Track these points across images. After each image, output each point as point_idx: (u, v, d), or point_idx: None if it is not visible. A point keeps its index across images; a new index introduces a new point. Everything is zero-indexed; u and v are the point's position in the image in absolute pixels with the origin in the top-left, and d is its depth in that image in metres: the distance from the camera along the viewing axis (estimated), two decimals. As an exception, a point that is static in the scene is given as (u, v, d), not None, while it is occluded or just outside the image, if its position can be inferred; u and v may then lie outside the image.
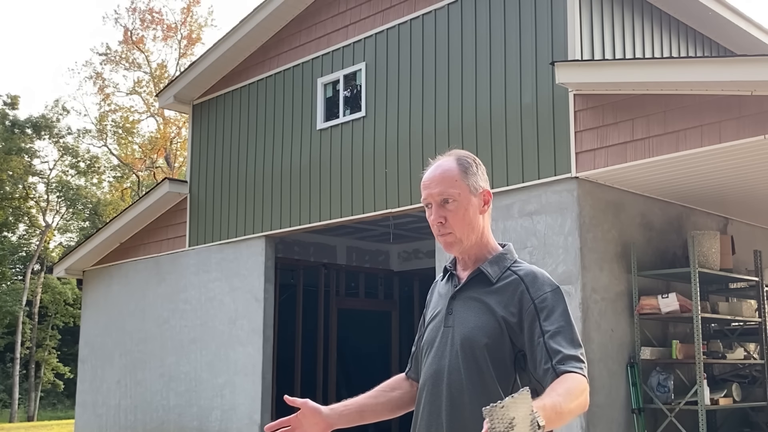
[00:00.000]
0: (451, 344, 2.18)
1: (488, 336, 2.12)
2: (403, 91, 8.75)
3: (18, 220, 31.00)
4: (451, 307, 2.24)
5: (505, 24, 7.91)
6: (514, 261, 2.25)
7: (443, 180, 2.21)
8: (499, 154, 7.69)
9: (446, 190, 2.20)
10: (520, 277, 2.17)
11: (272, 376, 9.95)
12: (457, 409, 2.11)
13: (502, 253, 2.26)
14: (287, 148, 9.98)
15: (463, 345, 2.14)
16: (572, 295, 6.92)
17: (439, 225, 2.20)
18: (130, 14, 31.60)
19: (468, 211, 2.21)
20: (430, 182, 2.23)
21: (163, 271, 11.50)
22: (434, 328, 2.27)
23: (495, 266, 2.23)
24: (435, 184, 2.21)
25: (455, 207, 2.19)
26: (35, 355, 30.24)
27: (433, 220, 2.21)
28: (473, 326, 2.15)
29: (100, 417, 12.23)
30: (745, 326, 8.36)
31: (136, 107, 34.47)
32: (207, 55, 10.92)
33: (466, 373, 2.12)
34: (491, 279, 2.20)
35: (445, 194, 2.19)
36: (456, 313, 2.22)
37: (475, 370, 2.11)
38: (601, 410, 6.94)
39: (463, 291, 2.24)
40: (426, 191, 2.23)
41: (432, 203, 2.22)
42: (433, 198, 2.21)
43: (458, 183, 2.21)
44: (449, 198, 2.19)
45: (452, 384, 2.13)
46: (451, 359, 2.16)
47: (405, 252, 12.99)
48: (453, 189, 2.20)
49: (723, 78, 6.18)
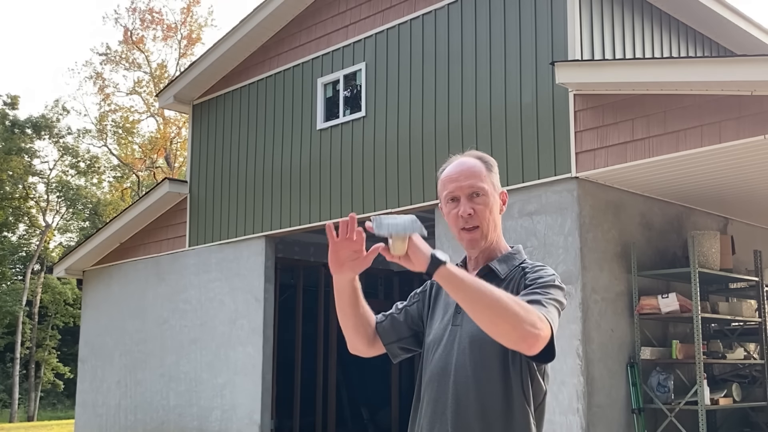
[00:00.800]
0: (459, 342, 2.17)
1: None
2: (403, 91, 8.75)
3: (18, 220, 31.00)
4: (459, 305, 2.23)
5: (505, 24, 7.91)
6: (523, 261, 2.26)
7: (472, 174, 2.22)
8: (499, 154, 7.69)
9: (476, 184, 2.21)
10: (524, 269, 2.19)
11: (272, 376, 9.95)
12: (463, 407, 2.10)
13: (511, 252, 2.28)
14: (287, 148, 9.98)
15: (471, 343, 2.13)
16: (572, 295, 6.92)
17: (468, 218, 2.19)
18: (130, 14, 31.64)
19: (494, 207, 2.23)
20: (458, 175, 2.22)
21: (163, 271, 11.50)
22: (441, 325, 2.26)
23: (504, 264, 2.23)
24: (465, 177, 2.21)
25: (483, 201, 2.21)
26: (35, 355, 30.24)
27: (462, 212, 2.19)
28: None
29: (100, 417, 12.23)
30: (745, 326, 8.36)
31: (136, 107, 34.51)
32: (207, 55, 10.92)
33: (473, 371, 2.11)
34: (500, 275, 2.20)
35: (475, 187, 2.20)
36: (464, 311, 2.21)
37: (482, 368, 2.11)
38: (601, 410, 6.94)
39: None
40: (454, 184, 2.22)
41: (461, 196, 2.20)
42: (463, 191, 2.20)
43: (486, 179, 2.23)
44: (479, 192, 2.20)
45: (459, 382, 2.12)
46: (459, 357, 2.15)
47: (405, 252, 12.97)
48: (482, 183, 2.21)
49: (723, 78, 6.18)
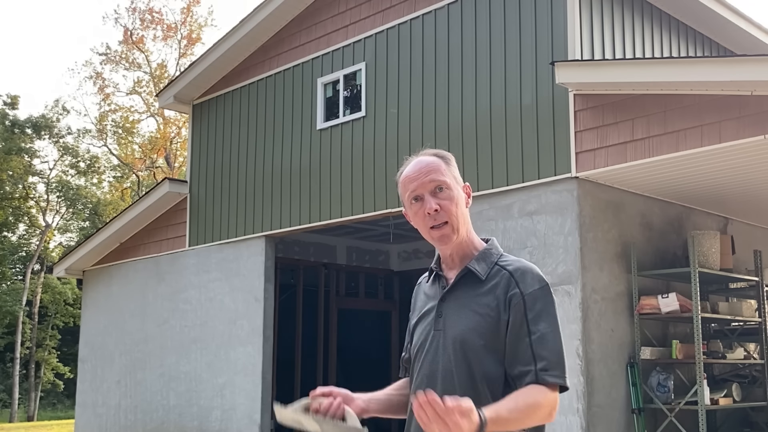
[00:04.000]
0: (443, 347, 2.13)
1: (482, 337, 2.08)
2: (403, 91, 8.75)
3: (18, 220, 31.00)
4: (440, 309, 2.18)
5: (505, 24, 7.91)
6: (500, 255, 2.21)
7: (432, 170, 2.17)
8: (499, 154, 7.69)
9: (437, 178, 2.16)
10: (510, 273, 2.13)
11: (272, 376, 9.95)
12: None
13: (487, 248, 2.22)
14: (287, 148, 9.98)
15: (455, 348, 2.11)
16: (572, 295, 6.92)
17: (435, 214, 2.14)
18: (130, 14, 31.56)
19: (459, 201, 2.18)
20: (418, 173, 2.17)
21: (163, 271, 11.50)
22: (424, 332, 2.22)
23: (482, 263, 2.18)
24: (424, 174, 2.16)
25: (448, 196, 2.16)
26: (35, 355, 30.24)
27: (428, 209, 2.14)
28: (466, 328, 2.11)
29: (100, 417, 12.23)
30: (745, 326, 8.36)
31: (136, 107, 34.49)
32: (207, 55, 10.91)
33: (458, 376, 2.09)
34: (480, 277, 2.15)
35: (437, 182, 2.16)
36: (446, 315, 2.17)
37: (466, 373, 2.08)
38: (601, 410, 6.94)
39: (453, 292, 2.19)
40: (415, 183, 2.17)
41: (424, 194, 2.16)
42: (425, 187, 2.15)
43: (446, 173, 2.19)
44: (442, 186, 2.16)
45: (446, 388, 2.08)
46: (444, 363, 2.12)
47: (405, 252, 12.99)
48: (443, 177, 2.17)
49: (723, 78, 6.17)
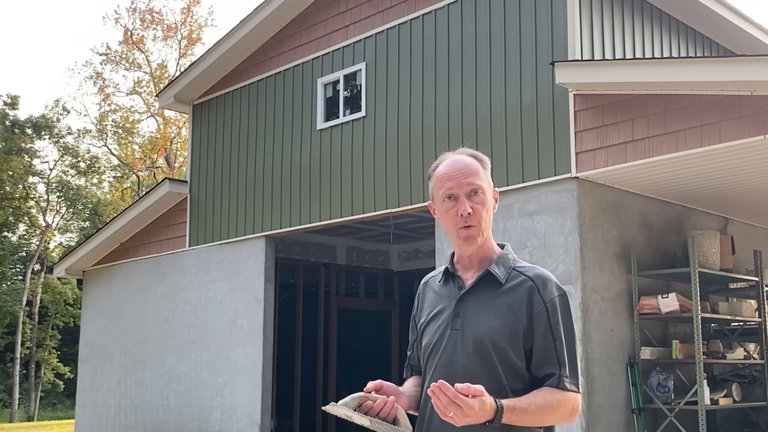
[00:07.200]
0: (462, 347, 2.14)
1: (504, 338, 2.11)
2: (403, 91, 8.74)
3: (18, 220, 30.99)
4: (458, 309, 2.20)
5: (505, 24, 7.91)
6: (515, 260, 2.26)
7: (471, 172, 2.21)
8: (499, 154, 7.69)
9: (475, 182, 2.20)
10: (530, 278, 2.18)
11: (272, 376, 9.95)
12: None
13: (504, 253, 2.27)
14: (287, 148, 9.98)
15: (477, 348, 2.12)
16: (572, 295, 6.92)
17: (467, 217, 2.17)
18: (130, 14, 31.58)
19: (489, 206, 2.23)
20: (457, 173, 2.20)
21: (163, 271, 11.50)
22: (438, 331, 2.22)
23: (501, 267, 2.22)
24: (464, 175, 2.20)
25: (482, 200, 2.20)
26: (35, 355, 30.23)
27: (462, 211, 2.17)
28: (488, 329, 2.13)
29: (100, 417, 12.23)
30: (745, 326, 8.36)
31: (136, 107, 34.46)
32: (207, 55, 10.91)
33: (483, 376, 2.09)
34: (500, 280, 2.19)
35: (475, 185, 2.19)
36: (465, 315, 2.18)
37: (489, 373, 2.10)
38: (601, 410, 6.94)
39: (472, 293, 2.21)
40: (452, 182, 2.20)
41: (459, 194, 2.19)
42: (462, 189, 2.19)
43: (483, 177, 2.23)
44: (478, 189, 2.20)
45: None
46: (463, 362, 2.13)
47: (405, 252, 12.99)
48: (480, 181, 2.21)
49: (723, 78, 6.17)
